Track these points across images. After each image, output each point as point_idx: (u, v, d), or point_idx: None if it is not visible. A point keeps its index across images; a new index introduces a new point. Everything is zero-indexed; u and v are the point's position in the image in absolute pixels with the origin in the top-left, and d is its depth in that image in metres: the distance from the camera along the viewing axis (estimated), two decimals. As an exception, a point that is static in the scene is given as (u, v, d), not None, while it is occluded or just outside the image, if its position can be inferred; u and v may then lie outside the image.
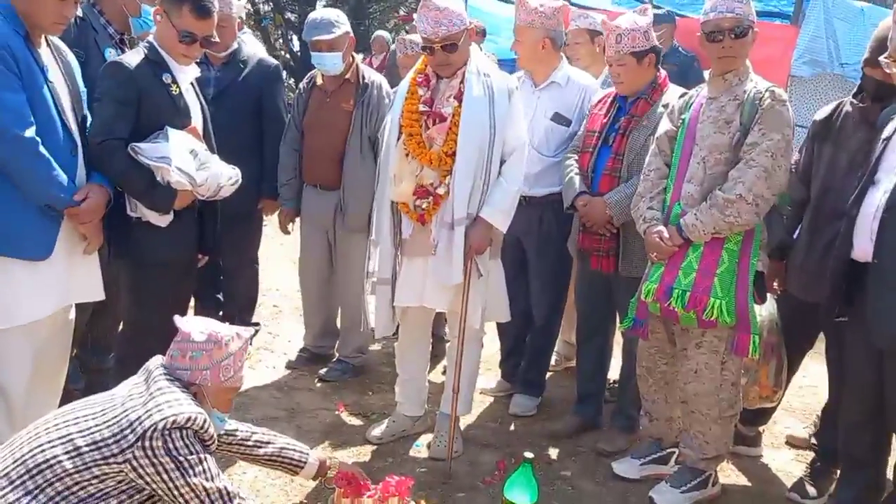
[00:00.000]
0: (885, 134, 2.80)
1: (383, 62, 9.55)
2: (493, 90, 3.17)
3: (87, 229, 2.77)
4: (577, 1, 8.22)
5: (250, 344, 2.41)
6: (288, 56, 16.00)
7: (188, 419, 2.07)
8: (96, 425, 2.07)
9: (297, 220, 4.27)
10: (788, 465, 3.62)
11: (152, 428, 2.03)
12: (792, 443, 3.81)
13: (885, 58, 2.68)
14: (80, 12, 3.15)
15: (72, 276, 2.78)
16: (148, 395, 2.11)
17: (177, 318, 2.27)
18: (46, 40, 2.74)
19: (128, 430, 2.04)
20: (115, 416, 2.08)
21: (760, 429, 3.71)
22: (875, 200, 2.71)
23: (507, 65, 5.02)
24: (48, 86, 2.64)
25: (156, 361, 2.25)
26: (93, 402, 2.19)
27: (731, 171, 2.92)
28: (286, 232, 4.35)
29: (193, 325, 2.26)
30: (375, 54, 10.51)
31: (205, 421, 2.12)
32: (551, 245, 3.76)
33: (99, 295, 2.91)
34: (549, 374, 4.13)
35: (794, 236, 3.33)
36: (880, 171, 2.75)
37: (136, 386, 2.18)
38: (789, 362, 3.34)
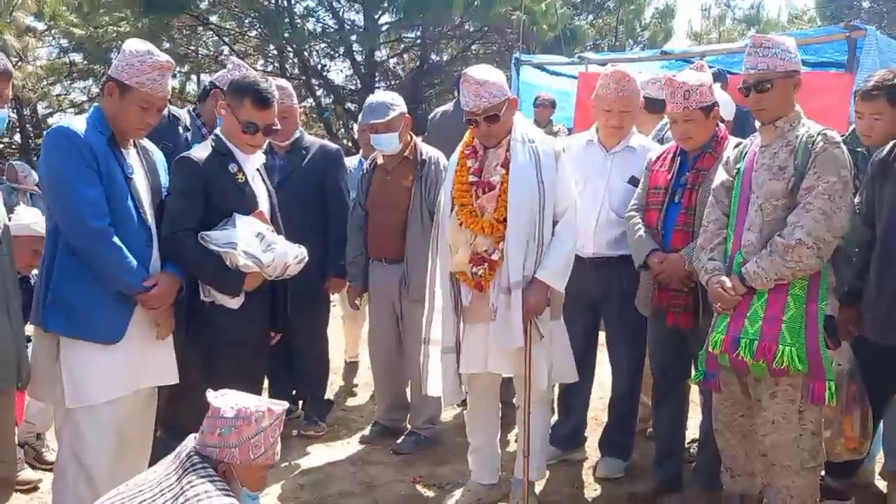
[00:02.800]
0: (945, 167, 2.74)
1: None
2: (538, 155, 3.23)
3: (158, 315, 2.89)
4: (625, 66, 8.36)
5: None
6: (350, 143, 16.56)
7: None
8: None
9: (365, 296, 4.36)
10: (884, 519, 3.43)
11: None
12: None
13: None
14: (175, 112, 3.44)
15: (145, 360, 2.90)
16: (179, 490, 2.08)
17: (209, 393, 2.25)
18: (134, 142, 2.95)
19: None
20: None
21: (851, 480, 3.53)
22: (942, 235, 2.64)
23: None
24: (128, 182, 2.83)
25: (188, 445, 2.21)
26: (130, 494, 2.14)
27: (789, 217, 2.88)
28: (355, 308, 4.43)
29: (224, 400, 2.22)
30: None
31: None
32: (632, 306, 3.68)
33: (173, 379, 3.01)
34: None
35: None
36: (944, 206, 2.68)
37: (167, 478, 2.14)
38: (874, 409, 3.20)
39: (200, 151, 3.09)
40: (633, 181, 3.66)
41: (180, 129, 3.77)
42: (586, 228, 3.62)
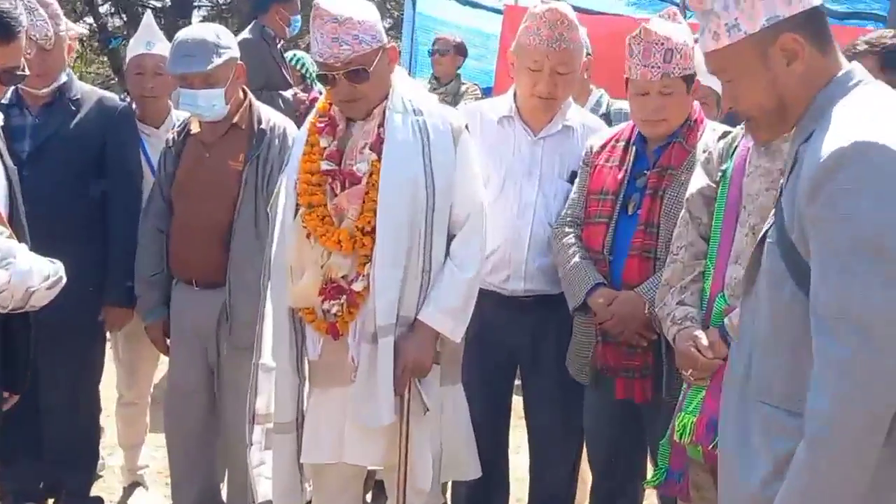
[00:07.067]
0: None
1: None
2: (427, 133, 3.23)
3: None
4: (580, 4, 8.56)
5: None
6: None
7: None
8: None
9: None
10: None
11: None
12: None
13: None
14: None
15: None
16: None
17: None
18: None
19: None
20: None
21: None
22: None
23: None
24: None
25: None
26: None
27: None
28: (166, 353, 4.35)
29: None
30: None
31: None
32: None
33: None
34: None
35: None
36: None
37: None
38: None
39: None
40: (573, 178, 3.72)
41: None
42: (513, 253, 3.66)
